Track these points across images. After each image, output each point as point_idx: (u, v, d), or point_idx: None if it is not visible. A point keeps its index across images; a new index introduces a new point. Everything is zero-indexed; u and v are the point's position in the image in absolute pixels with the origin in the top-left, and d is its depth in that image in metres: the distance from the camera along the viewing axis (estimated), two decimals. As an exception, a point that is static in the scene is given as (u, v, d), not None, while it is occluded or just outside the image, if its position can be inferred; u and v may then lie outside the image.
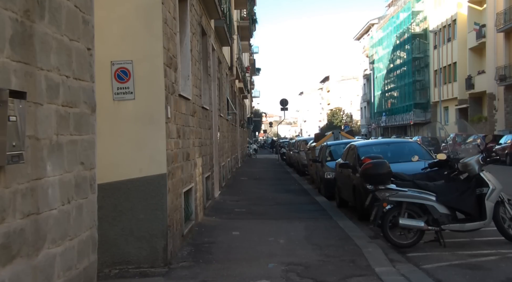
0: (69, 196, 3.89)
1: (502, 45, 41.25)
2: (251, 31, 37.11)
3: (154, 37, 7.01)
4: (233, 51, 22.91)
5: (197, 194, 10.21)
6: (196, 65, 10.70)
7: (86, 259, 4.26)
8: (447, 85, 52.98)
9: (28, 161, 3.20)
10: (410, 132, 60.33)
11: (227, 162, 20.34)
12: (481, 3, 46.44)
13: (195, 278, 6.57)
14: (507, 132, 32.28)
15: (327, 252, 7.82)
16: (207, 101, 12.67)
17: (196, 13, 10.88)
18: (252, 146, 50.33)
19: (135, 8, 6.98)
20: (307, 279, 6.44)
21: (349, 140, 18.17)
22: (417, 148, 12.64)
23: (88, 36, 4.33)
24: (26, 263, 3.17)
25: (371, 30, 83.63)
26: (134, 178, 6.95)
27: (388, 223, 8.23)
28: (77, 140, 4.08)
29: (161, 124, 7.04)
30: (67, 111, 3.85)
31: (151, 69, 7.00)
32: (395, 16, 67.83)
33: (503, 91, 41.23)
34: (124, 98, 6.94)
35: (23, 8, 3.16)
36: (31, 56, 3.25)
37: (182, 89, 8.68)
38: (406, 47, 63.46)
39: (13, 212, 3.02)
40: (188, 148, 9.24)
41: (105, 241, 6.37)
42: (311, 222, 10.59)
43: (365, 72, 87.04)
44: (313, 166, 19.23)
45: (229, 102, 20.45)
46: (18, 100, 2.97)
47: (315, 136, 23.68)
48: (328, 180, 14.94)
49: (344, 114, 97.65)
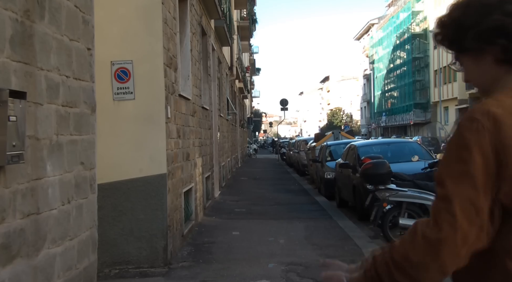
0: (69, 196, 3.89)
1: (502, 45, 41.24)
2: (251, 31, 37.11)
3: (154, 37, 7.01)
4: (233, 51, 22.91)
5: (197, 194, 10.21)
6: (196, 65, 10.70)
7: (86, 259, 4.26)
8: (447, 85, 52.99)
9: (28, 161, 3.20)
10: (410, 132, 60.32)
11: (227, 162, 20.34)
12: (481, 3, 46.44)
13: (195, 278, 6.57)
14: (507, 132, 32.24)
15: (327, 252, 7.82)
16: (207, 101, 12.67)
17: (196, 13, 10.88)
18: (252, 146, 50.31)
19: (135, 8, 6.98)
20: (307, 279, 6.44)
21: (349, 140, 18.18)
22: (417, 148, 12.65)
23: (88, 36, 4.33)
24: (26, 263, 3.17)
25: (371, 30, 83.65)
26: (134, 178, 6.95)
27: (388, 223, 8.23)
28: (77, 140, 4.08)
29: (161, 124, 7.04)
30: (67, 111, 3.85)
31: (151, 69, 7.01)
32: (395, 16, 67.83)
33: (503, 91, 41.23)
34: (124, 98, 6.94)
35: (23, 8, 3.16)
36: (31, 56, 3.25)
37: (182, 89, 8.68)
38: (406, 47, 63.47)
39: (13, 212, 3.02)
40: (188, 148, 9.24)
41: (105, 241, 6.37)
42: (311, 222, 10.59)
43: (365, 72, 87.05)
44: (313, 166, 19.24)
45: (229, 102, 20.45)
46: (18, 100, 2.97)
47: (315, 136, 23.68)
48: (328, 180, 14.95)
49: (344, 114, 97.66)
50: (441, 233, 1.45)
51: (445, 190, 1.47)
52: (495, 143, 1.45)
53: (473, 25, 1.59)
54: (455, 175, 1.47)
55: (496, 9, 1.56)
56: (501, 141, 1.44)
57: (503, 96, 1.53)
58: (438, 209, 1.48)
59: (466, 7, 1.62)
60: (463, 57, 1.68)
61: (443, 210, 1.47)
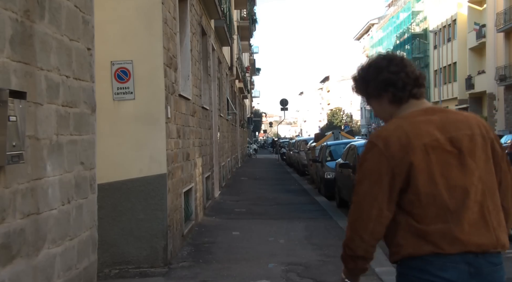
0: (69, 196, 3.89)
1: (502, 45, 41.24)
2: (251, 31, 37.10)
3: (154, 37, 7.01)
4: (233, 51, 22.91)
5: (197, 194, 10.21)
6: (196, 65, 10.70)
7: (86, 259, 4.26)
8: (447, 85, 52.97)
9: (28, 161, 3.20)
10: (410, 132, 60.22)
11: (227, 162, 20.34)
12: (481, 3, 46.44)
13: (195, 278, 6.57)
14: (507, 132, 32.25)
15: (327, 252, 7.82)
16: (207, 101, 12.67)
17: (196, 13, 10.88)
18: (252, 146, 50.31)
19: (135, 8, 6.98)
20: (307, 279, 6.44)
21: (349, 140, 18.17)
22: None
23: (88, 36, 4.33)
24: (26, 263, 3.17)
25: (371, 30, 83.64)
26: (134, 178, 6.95)
27: (388, 223, 8.23)
28: (77, 140, 4.08)
29: (161, 124, 7.04)
30: (67, 111, 3.85)
31: (151, 69, 7.00)
32: (395, 16, 67.83)
33: (503, 91, 41.22)
34: (124, 98, 6.94)
35: (23, 8, 3.16)
36: (31, 56, 3.25)
37: (182, 89, 8.68)
38: (406, 47, 63.46)
39: (13, 212, 3.02)
40: (188, 148, 9.24)
41: (105, 241, 6.37)
42: (311, 222, 10.59)
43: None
44: (313, 166, 19.23)
45: (229, 102, 20.45)
46: (18, 100, 2.97)
47: (315, 136, 23.66)
48: (328, 180, 14.94)
49: (344, 114, 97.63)
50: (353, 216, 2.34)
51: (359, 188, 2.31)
52: (386, 156, 2.27)
53: (372, 80, 2.43)
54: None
55: (384, 69, 2.40)
56: (390, 154, 2.26)
57: (389, 124, 2.37)
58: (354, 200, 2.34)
59: (368, 68, 2.47)
60: (371, 101, 2.51)
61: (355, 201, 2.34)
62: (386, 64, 2.41)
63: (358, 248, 2.31)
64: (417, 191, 2.23)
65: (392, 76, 2.38)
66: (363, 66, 2.50)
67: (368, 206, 2.26)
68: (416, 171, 2.22)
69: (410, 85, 2.39)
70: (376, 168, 2.26)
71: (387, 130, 2.32)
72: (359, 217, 2.28)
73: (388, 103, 2.43)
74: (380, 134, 2.31)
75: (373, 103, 2.49)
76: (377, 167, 2.26)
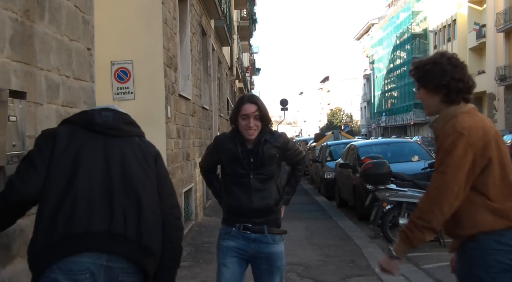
0: (69, 196, 3.88)
1: (502, 45, 41.26)
2: (251, 31, 37.09)
3: (154, 37, 7.01)
4: (233, 51, 22.91)
5: (197, 194, 10.21)
6: (196, 65, 10.70)
7: (86, 259, 4.25)
8: (447, 85, 52.97)
9: (28, 161, 3.19)
10: (410, 132, 60.33)
11: (227, 162, 20.29)
12: (481, 3, 46.45)
13: (195, 278, 6.57)
14: (507, 132, 32.24)
15: (327, 252, 7.82)
16: (207, 101, 12.67)
17: (196, 13, 10.88)
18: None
19: (135, 8, 6.98)
20: (307, 279, 6.44)
21: (349, 140, 18.19)
22: (417, 148, 12.64)
23: (88, 36, 4.33)
24: (26, 263, 3.16)
25: (371, 30, 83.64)
26: (134, 178, 6.93)
27: (388, 223, 8.22)
28: (77, 140, 4.07)
29: (161, 124, 7.04)
30: (67, 111, 3.85)
31: (151, 69, 7.01)
32: (395, 16, 67.83)
33: (503, 91, 41.24)
34: (124, 98, 6.94)
35: (23, 8, 3.16)
36: (31, 56, 3.25)
37: (182, 89, 8.68)
38: (406, 47, 63.47)
39: (13, 212, 3.02)
40: (188, 148, 9.24)
41: (105, 241, 6.35)
42: (311, 222, 10.59)
43: (365, 72, 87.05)
44: (313, 166, 19.24)
45: (229, 102, 20.46)
46: (18, 100, 2.97)
47: (315, 136, 23.70)
48: (328, 180, 14.95)
49: (344, 114, 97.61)
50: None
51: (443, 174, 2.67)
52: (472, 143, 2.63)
53: (435, 78, 2.77)
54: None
55: (448, 74, 2.74)
56: (474, 142, 2.63)
57: (464, 116, 2.73)
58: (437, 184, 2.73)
59: (434, 65, 2.79)
60: (423, 91, 2.86)
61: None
62: (451, 69, 2.75)
63: (434, 219, 2.65)
64: (493, 175, 2.66)
65: (453, 82, 2.74)
66: (428, 61, 2.82)
67: (452, 184, 2.63)
68: (493, 161, 2.65)
69: (464, 92, 2.77)
70: (463, 154, 2.62)
71: (468, 122, 2.68)
72: (443, 193, 2.64)
73: (440, 101, 2.78)
74: (465, 126, 2.66)
75: (424, 94, 2.85)
76: (464, 154, 2.62)
